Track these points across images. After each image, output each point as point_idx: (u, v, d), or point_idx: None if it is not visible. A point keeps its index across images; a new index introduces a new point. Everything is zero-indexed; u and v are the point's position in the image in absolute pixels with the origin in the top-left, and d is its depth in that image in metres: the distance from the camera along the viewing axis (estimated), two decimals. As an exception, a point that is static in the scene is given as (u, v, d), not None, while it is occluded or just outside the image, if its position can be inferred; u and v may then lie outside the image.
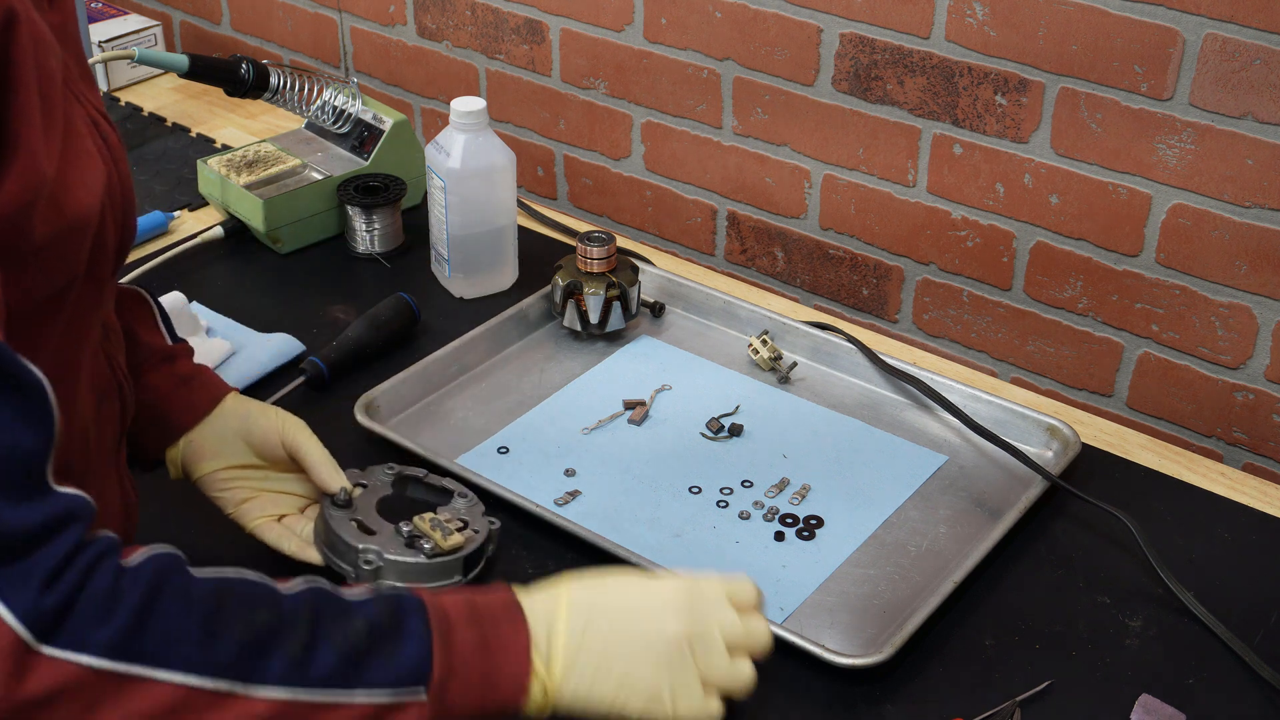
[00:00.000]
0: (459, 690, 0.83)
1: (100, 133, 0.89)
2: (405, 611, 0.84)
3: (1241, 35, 1.32)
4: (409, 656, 0.82)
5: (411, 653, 0.82)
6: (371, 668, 0.81)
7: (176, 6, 2.28)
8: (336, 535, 1.11)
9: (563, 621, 0.88)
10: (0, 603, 0.72)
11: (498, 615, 0.87)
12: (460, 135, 1.48)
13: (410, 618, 0.83)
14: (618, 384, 1.42)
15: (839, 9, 1.56)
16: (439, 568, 1.11)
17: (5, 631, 0.72)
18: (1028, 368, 1.61)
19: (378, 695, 0.81)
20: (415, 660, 0.82)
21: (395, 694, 0.81)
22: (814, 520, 1.24)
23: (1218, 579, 1.19)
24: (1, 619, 0.72)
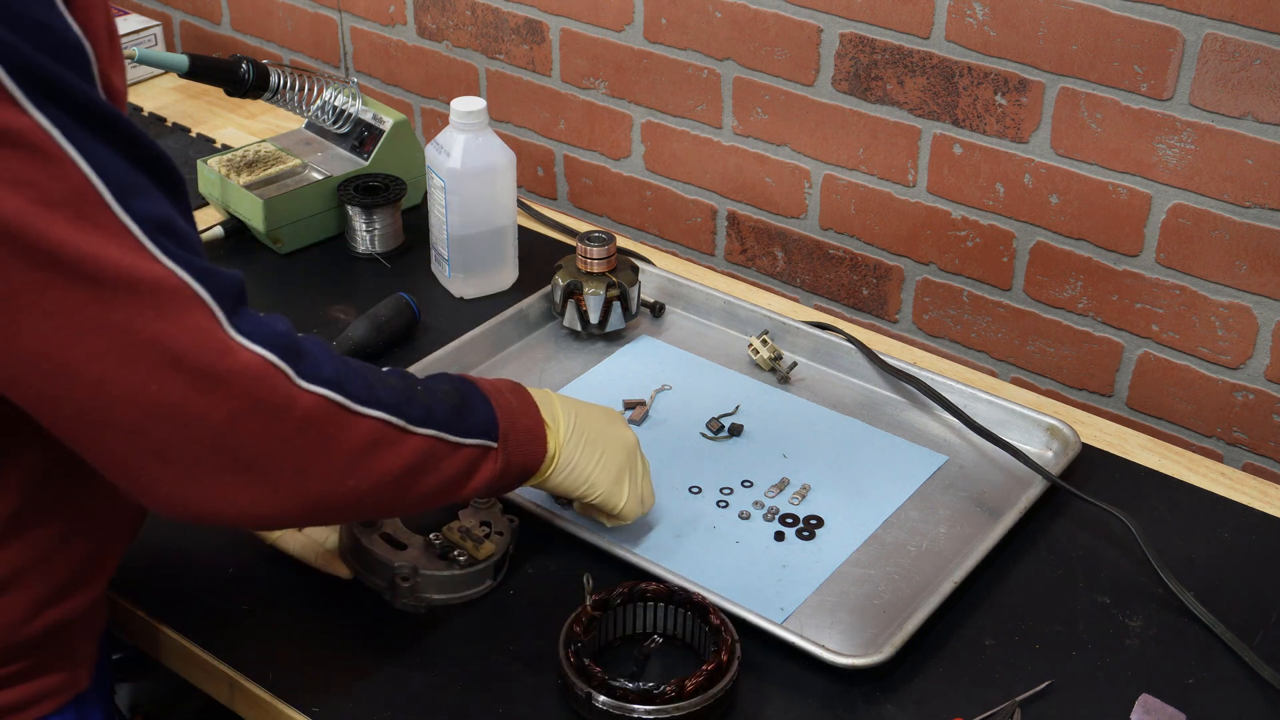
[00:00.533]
0: (515, 442, 1.05)
1: None
2: (464, 384, 1.05)
3: (1241, 35, 1.32)
4: (484, 413, 1.03)
5: (484, 411, 1.03)
6: (467, 420, 1.01)
7: (176, 6, 2.28)
8: (368, 552, 1.11)
9: (559, 407, 1.11)
10: (261, 347, 0.86)
11: (508, 388, 1.08)
12: (460, 135, 1.48)
13: (470, 388, 1.04)
14: (618, 384, 1.42)
15: (839, 9, 1.56)
16: (474, 576, 1.13)
17: (275, 369, 0.87)
18: (1028, 368, 1.61)
19: (475, 440, 1.01)
20: (488, 416, 1.03)
21: (483, 441, 1.02)
22: (814, 520, 1.24)
23: (1218, 579, 1.19)
24: (270, 360, 0.86)
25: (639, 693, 1.01)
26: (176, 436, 0.84)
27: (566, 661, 1.04)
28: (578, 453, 1.11)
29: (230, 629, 1.13)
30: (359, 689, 1.07)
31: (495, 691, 1.07)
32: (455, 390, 1.03)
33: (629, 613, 1.11)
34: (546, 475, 1.10)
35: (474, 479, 1.02)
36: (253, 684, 1.08)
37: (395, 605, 1.10)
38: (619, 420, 1.17)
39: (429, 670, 1.09)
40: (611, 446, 1.13)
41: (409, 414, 0.96)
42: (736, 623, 1.09)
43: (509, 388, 1.08)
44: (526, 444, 1.06)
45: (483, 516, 1.17)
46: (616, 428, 1.15)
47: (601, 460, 1.12)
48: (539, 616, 1.13)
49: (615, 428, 1.15)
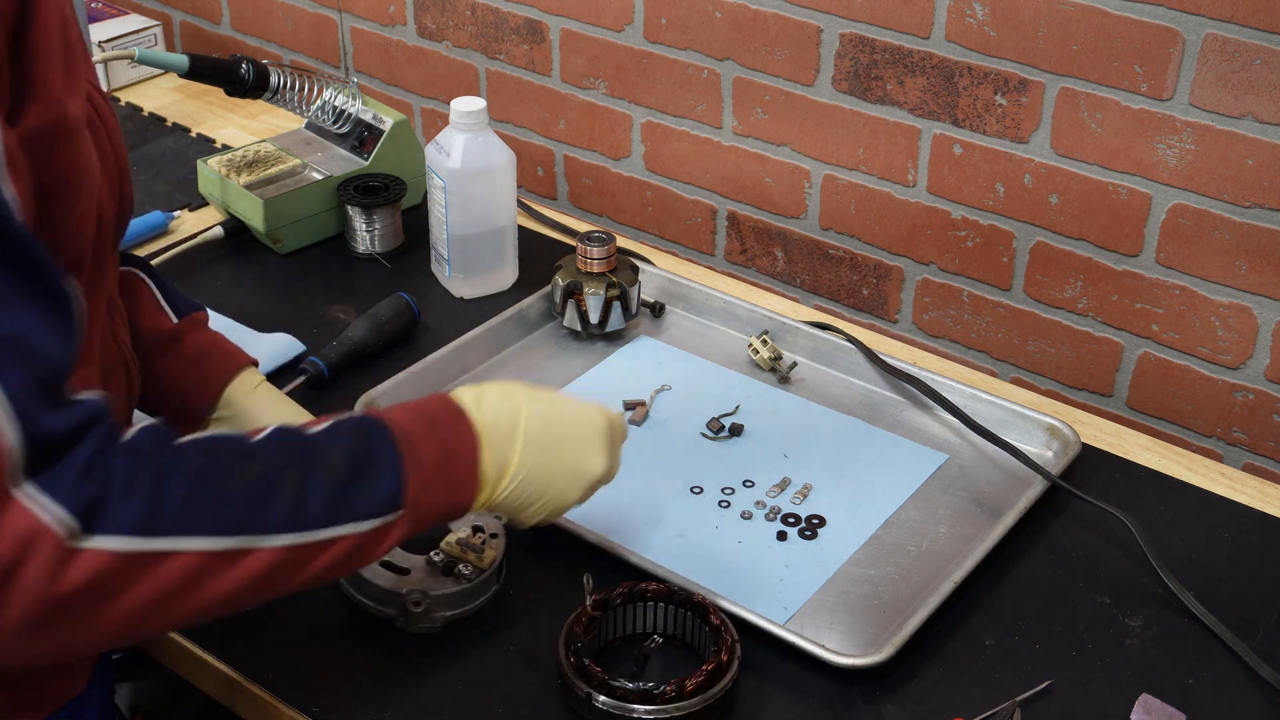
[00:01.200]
0: (429, 501, 0.92)
1: (94, 104, 0.90)
2: (374, 439, 0.90)
3: (1241, 35, 1.32)
4: (387, 483, 0.89)
5: (388, 479, 0.89)
6: (357, 499, 0.87)
7: (176, 6, 2.28)
8: (371, 584, 1.11)
9: (520, 441, 0.97)
10: (50, 499, 0.76)
11: (449, 424, 0.95)
12: (460, 135, 1.48)
13: (380, 445, 0.90)
14: (618, 384, 1.42)
15: (839, 9, 1.56)
16: (481, 585, 1.13)
17: (46, 532, 0.76)
18: (1028, 368, 1.61)
19: (365, 524, 0.88)
20: (393, 485, 0.89)
21: (380, 520, 0.88)
22: (816, 520, 1.24)
23: (1218, 579, 1.19)
24: (43, 522, 0.76)
25: (639, 693, 1.01)
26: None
27: (566, 661, 1.04)
28: (523, 496, 0.99)
29: (230, 629, 1.12)
30: (359, 689, 1.07)
31: (495, 691, 1.07)
32: (350, 458, 0.88)
33: (629, 613, 1.11)
34: (482, 505, 0.99)
35: (367, 556, 0.90)
36: (253, 684, 1.08)
37: (411, 630, 1.11)
38: (592, 445, 1.02)
39: (429, 670, 1.09)
40: (568, 488, 1.02)
41: (258, 524, 0.83)
42: (736, 623, 1.09)
43: (439, 422, 0.94)
44: (449, 493, 0.94)
45: (472, 521, 1.17)
46: (584, 458, 1.02)
47: (547, 503, 1.01)
48: (539, 616, 1.13)
49: (582, 458, 1.02)
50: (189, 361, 1.14)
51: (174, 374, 1.14)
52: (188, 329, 1.16)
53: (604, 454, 1.03)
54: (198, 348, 1.15)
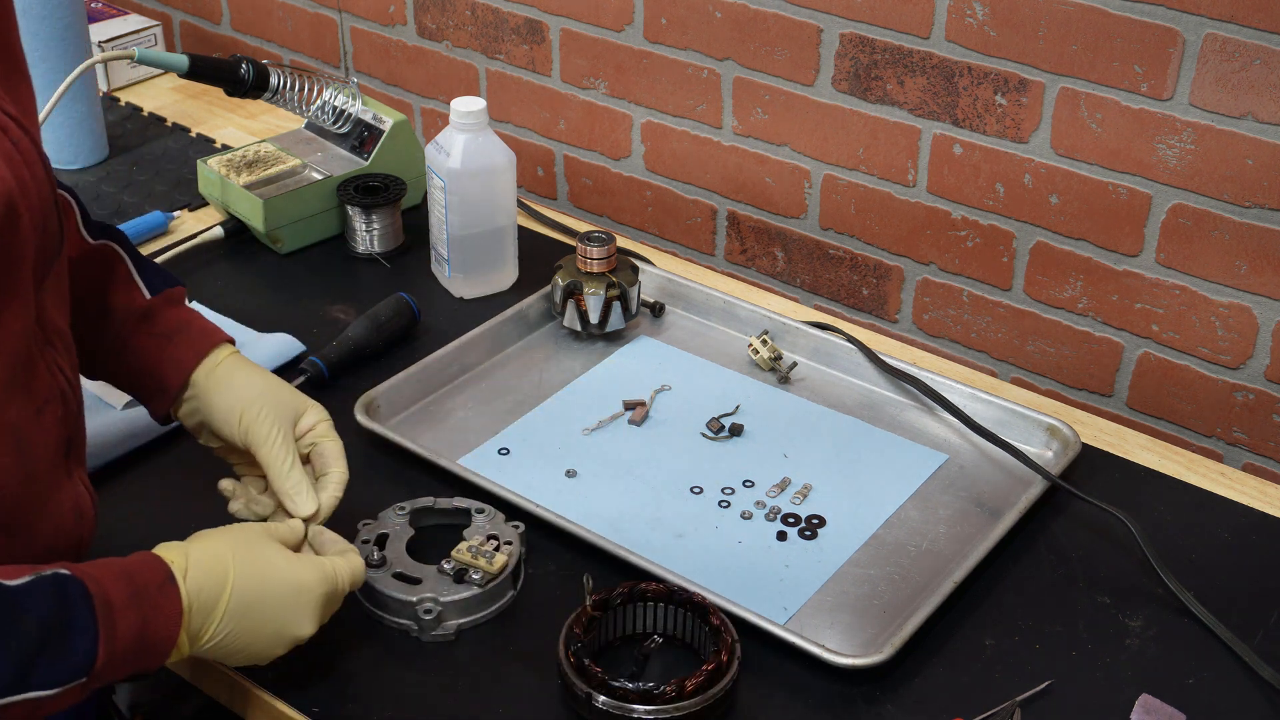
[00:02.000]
0: (113, 669, 0.88)
1: (10, 138, 0.87)
2: (72, 603, 0.86)
3: (1241, 35, 1.32)
4: (76, 653, 0.85)
5: (79, 648, 0.85)
6: (41, 669, 0.84)
7: (176, 6, 2.28)
8: (386, 596, 1.11)
9: (220, 613, 0.95)
10: None
11: (154, 594, 0.91)
12: (460, 135, 1.48)
13: (77, 610, 0.86)
14: (618, 384, 1.42)
15: (839, 9, 1.56)
16: (494, 592, 1.13)
17: None
18: (1028, 368, 1.61)
19: (46, 692, 0.84)
20: (82, 657, 0.86)
21: (62, 688, 0.85)
22: (816, 520, 1.24)
23: (1218, 579, 1.19)
24: None
25: (639, 693, 1.01)
26: None
27: (566, 661, 1.04)
28: (219, 655, 0.97)
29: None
30: (359, 689, 1.07)
31: (495, 691, 1.07)
32: (44, 625, 0.84)
33: (629, 613, 1.11)
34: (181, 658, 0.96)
35: (37, 715, 0.86)
36: (253, 684, 1.08)
37: (426, 640, 1.11)
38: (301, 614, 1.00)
39: (429, 670, 1.09)
40: (268, 649, 0.99)
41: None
42: (736, 623, 1.09)
43: (145, 593, 0.91)
44: (134, 663, 0.91)
45: (488, 531, 1.17)
46: (288, 625, 0.99)
47: (245, 660, 0.99)
48: (539, 616, 1.13)
49: (286, 625, 0.99)
50: (160, 339, 1.11)
51: (145, 352, 1.11)
52: (160, 305, 1.13)
53: (312, 619, 1.00)
54: (170, 325, 1.12)
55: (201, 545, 0.97)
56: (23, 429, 0.92)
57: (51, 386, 0.96)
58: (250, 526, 1.02)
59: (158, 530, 1.22)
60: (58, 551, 0.98)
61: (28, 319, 0.92)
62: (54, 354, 0.96)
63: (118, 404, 1.33)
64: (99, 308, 1.12)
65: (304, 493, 1.08)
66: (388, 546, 1.15)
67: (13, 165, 0.86)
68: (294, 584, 0.99)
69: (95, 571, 0.89)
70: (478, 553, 1.14)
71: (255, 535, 1.01)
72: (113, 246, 1.14)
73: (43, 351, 0.95)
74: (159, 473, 1.29)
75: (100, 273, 1.13)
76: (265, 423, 1.08)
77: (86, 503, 1.01)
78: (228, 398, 1.10)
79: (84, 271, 1.11)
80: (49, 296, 0.95)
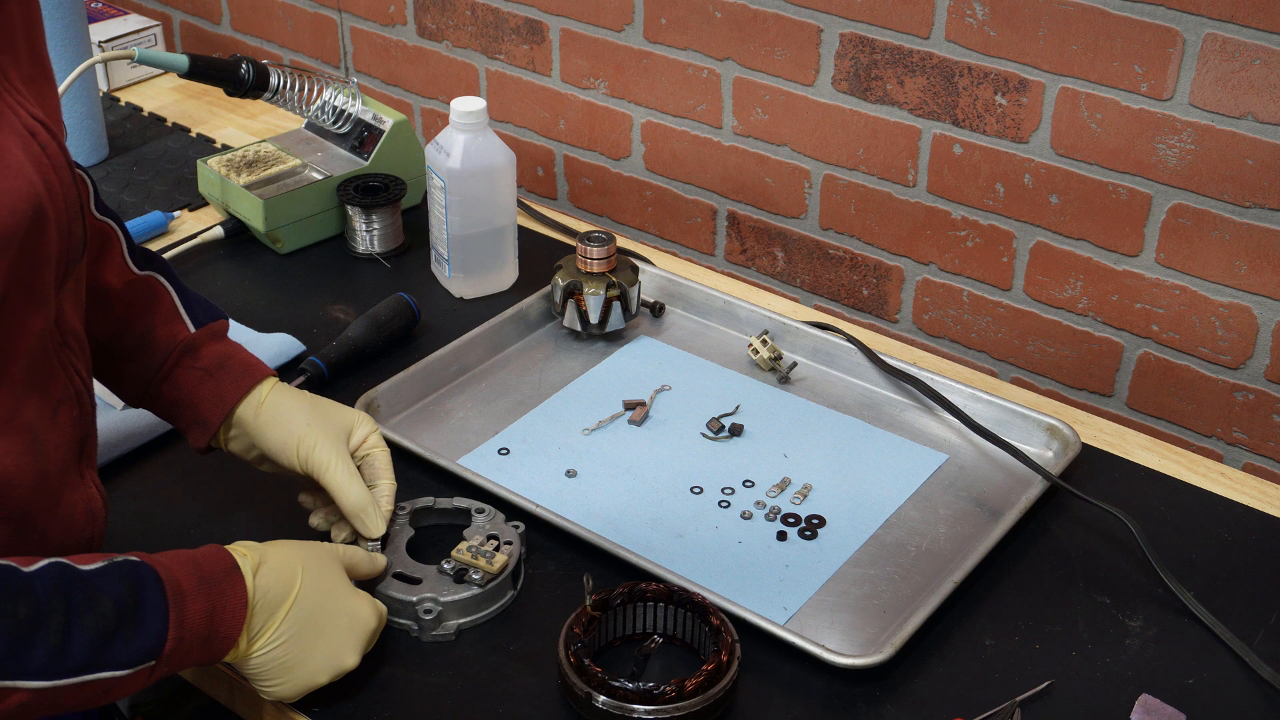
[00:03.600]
0: (182, 655, 0.92)
1: (39, 142, 0.88)
2: (145, 586, 0.90)
3: (1241, 35, 1.32)
4: (149, 634, 0.89)
5: (151, 630, 0.89)
6: (116, 648, 0.87)
7: (176, 6, 2.28)
8: (386, 596, 1.11)
9: (280, 617, 0.98)
10: None
11: (221, 582, 0.94)
12: (460, 135, 1.48)
13: (150, 593, 0.90)
14: (618, 384, 1.42)
15: (839, 9, 1.56)
16: (494, 592, 1.13)
17: None
18: (1028, 368, 1.61)
19: (120, 671, 0.88)
20: (154, 637, 0.89)
21: (135, 668, 0.89)
22: (816, 520, 1.24)
23: (1218, 579, 1.19)
24: None
25: (639, 693, 1.01)
26: None
27: (566, 661, 1.04)
28: (269, 667, 0.99)
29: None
30: (358, 689, 1.07)
31: (495, 691, 1.07)
32: (120, 605, 0.88)
33: (629, 613, 1.11)
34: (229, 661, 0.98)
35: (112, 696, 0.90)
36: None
37: (426, 639, 1.11)
38: (350, 642, 1.02)
39: (428, 670, 1.09)
40: (316, 672, 1.01)
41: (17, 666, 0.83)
42: (736, 623, 1.09)
43: (212, 579, 0.94)
44: (202, 652, 0.94)
45: (488, 531, 1.17)
46: (337, 652, 1.01)
47: (293, 681, 1.00)
48: (539, 616, 1.13)
49: (336, 651, 1.01)
50: (202, 374, 1.13)
51: (187, 386, 1.13)
52: (204, 340, 1.14)
53: (359, 650, 1.03)
54: (213, 361, 1.14)
55: (276, 549, 1.00)
56: (38, 428, 0.93)
57: (67, 387, 0.97)
58: (324, 546, 1.05)
59: (158, 530, 1.22)
60: (68, 552, 0.98)
61: (47, 321, 0.93)
62: (70, 355, 0.97)
63: (118, 404, 1.33)
64: (141, 338, 1.13)
65: (372, 515, 1.12)
66: (388, 546, 1.15)
67: (41, 169, 0.88)
68: (351, 611, 1.02)
69: (164, 559, 0.93)
70: (478, 553, 1.14)
71: (327, 554, 1.04)
72: (157, 279, 1.15)
73: (59, 352, 0.96)
74: (159, 472, 1.29)
75: (145, 303, 1.14)
76: (322, 450, 1.11)
77: (98, 503, 1.02)
78: (280, 432, 1.12)
79: (128, 300, 1.13)
80: (67, 298, 0.96)
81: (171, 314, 1.14)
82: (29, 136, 0.88)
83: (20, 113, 0.88)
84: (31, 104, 0.90)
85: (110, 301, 1.12)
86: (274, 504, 1.25)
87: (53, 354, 0.95)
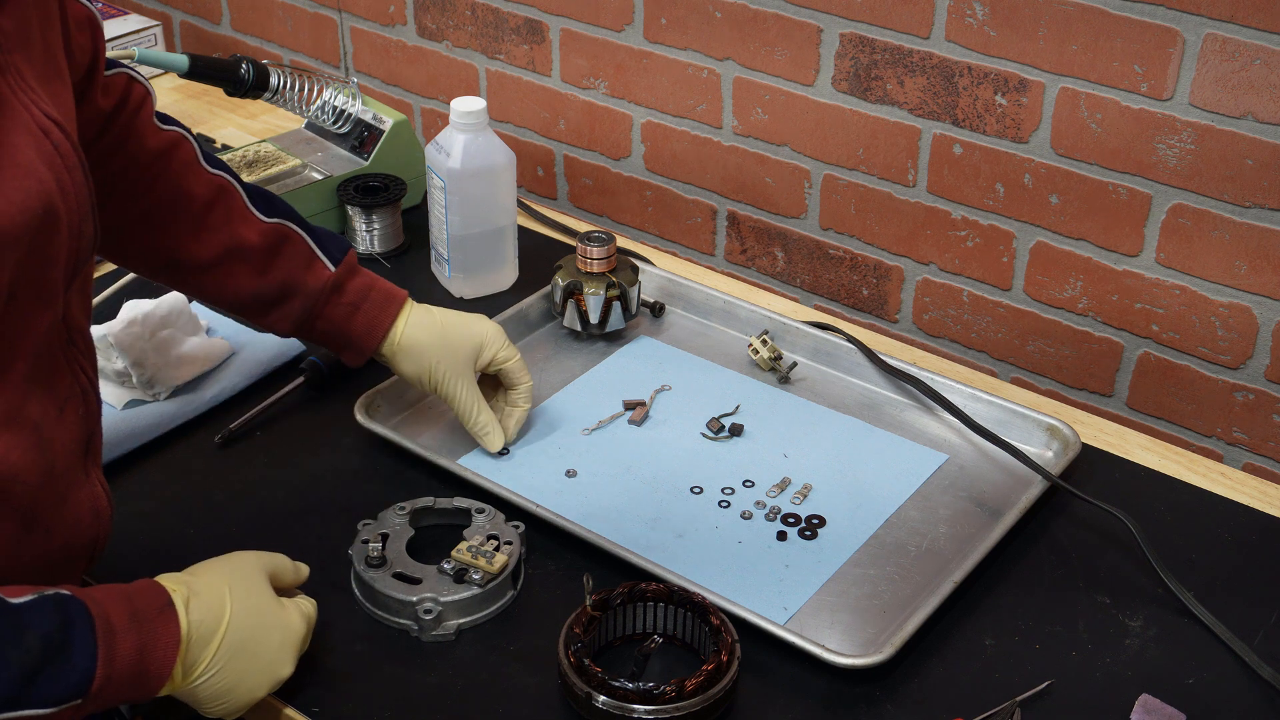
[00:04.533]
0: (111, 693, 0.90)
1: (52, 140, 0.88)
2: (73, 621, 0.88)
3: (1241, 35, 1.32)
4: (76, 672, 0.87)
5: (79, 667, 0.87)
6: (41, 686, 0.85)
7: (176, 6, 2.28)
8: (386, 596, 1.12)
9: (214, 647, 0.96)
10: None
11: (154, 620, 0.93)
12: (460, 135, 1.48)
13: (79, 629, 0.88)
14: (618, 384, 1.42)
15: (839, 9, 1.56)
16: (494, 591, 1.13)
17: None
18: (1028, 368, 1.61)
19: (43, 710, 0.85)
20: (81, 675, 0.87)
21: (58, 708, 0.86)
22: (816, 520, 1.24)
23: (1218, 579, 1.19)
24: None
25: (639, 693, 1.01)
26: None
27: (566, 661, 1.04)
28: (208, 692, 0.97)
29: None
30: (359, 689, 1.07)
31: (495, 691, 1.07)
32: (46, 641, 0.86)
33: (629, 613, 1.11)
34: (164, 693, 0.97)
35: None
36: (253, 684, 1.08)
37: (426, 640, 1.11)
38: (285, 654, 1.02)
39: (429, 670, 1.09)
40: (255, 688, 1.00)
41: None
42: (736, 623, 1.09)
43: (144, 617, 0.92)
44: (131, 689, 0.92)
45: (488, 531, 1.17)
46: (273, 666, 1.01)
47: (234, 698, 0.99)
48: (539, 616, 1.13)
49: (272, 666, 1.01)
50: (350, 309, 1.24)
51: (340, 320, 1.24)
52: (345, 277, 1.24)
53: (293, 659, 1.03)
54: (358, 294, 1.25)
55: (203, 576, 1.00)
56: (45, 426, 0.93)
57: (73, 385, 0.97)
58: (246, 560, 1.04)
59: (158, 529, 1.22)
60: (73, 550, 0.99)
61: (55, 318, 0.93)
62: (76, 353, 0.98)
63: (118, 404, 1.33)
64: (286, 284, 1.23)
65: (492, 433, 1.29)
66: (388, 546, 1.15)
67: (54, 168, 0.88)
68: (282, 624, 1.02)
69: (96, 594, 0.91)
70: (478, 553, 1.14)
71: (252, 569, 1.03)
72: (286, 225, 1.23)
73: (65, 350, 0.96)
74: (159, 472, 1.29)
75: (284, 252, 1.22)
76: (449, 382, 1.27)
77: (103, 502, 1.02)
78: (412, 366, 1.27)
79: (266, 251, 1.22)
80: (75, 297, 0.97)
81: (310, 257, 1.23)
82: (41, 135, 0.88)
83: (34, 110, 0.88)
84: (45, 102, 0.90)
85: (251, 255, 1.21)
86: (274, 503, 1.25)
87: (59, 352, 0.95)
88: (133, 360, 1.34)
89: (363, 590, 1.13)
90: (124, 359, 1.34)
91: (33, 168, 0.86)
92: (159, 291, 1.42)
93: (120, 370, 1.35)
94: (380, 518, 1.18)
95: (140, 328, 1.35)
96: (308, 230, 1.24)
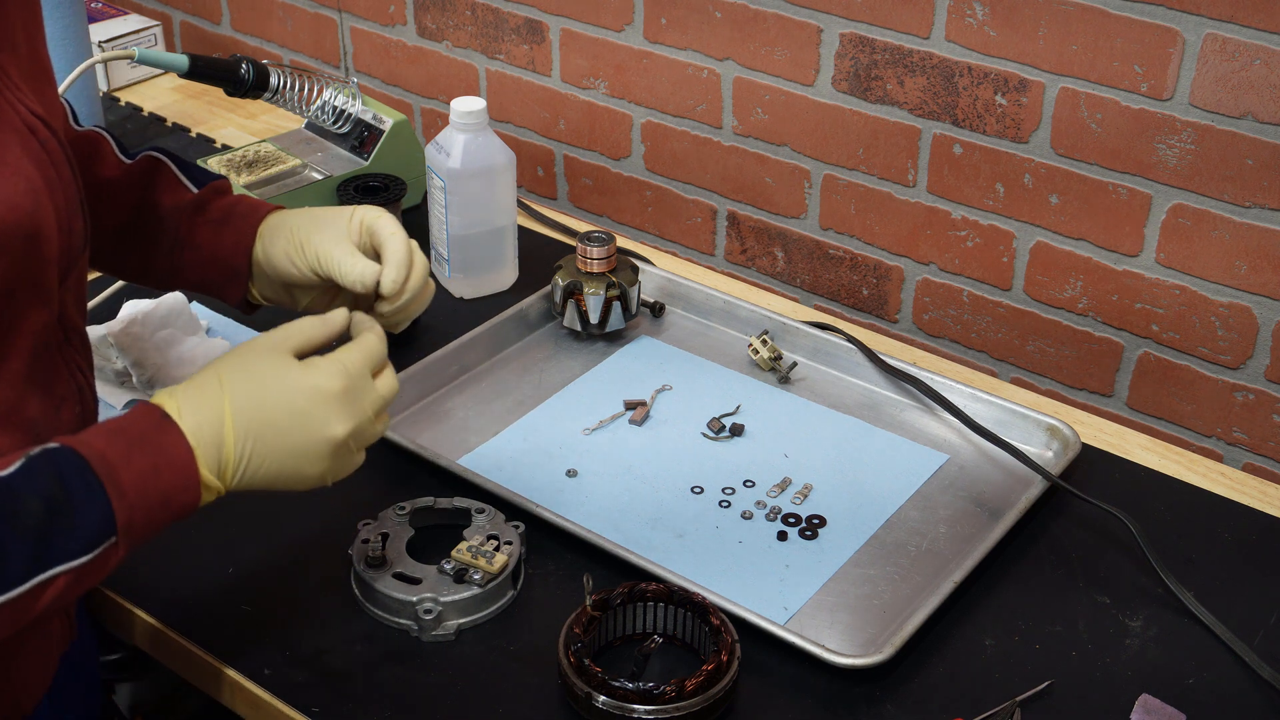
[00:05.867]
0: (143, 519, 0.86)
1: (39, 139, 0.89)
2: (68, 472, 0.84)
3: (1241, 35, 1.32)
4: (91, 517, 0.84)
5: (92, 513, 0.84)
6: (59, 542, 0.83)
7: (176, 6, 2.28)
8: (386, 596, 1.12)
9: (230, 437, 0.90)
10: None
11: (156, 438, 0.88)
12: (460, 135, 1.48)
13: (77, 479, 0.84)
14: (618, 384, 1.42)
15: (839, 9, 1.56)
16: (494, 592, 1.13)
17: None
18: (1028, 368, 1.61)
19: (75, 562, 0.83)
20: (98, 518, 0.84)
21: (93, 552, 0.84)
22: (816, 520, 1.24)
23: (1218, 579, 1.19)
24: None
25: (639, 693, 1.01)
26: None
27: (566, 661, 1.04)
28: (259, 480, 0.93)
29: (230, 629, 1.13)
30: (359, 689, 1.07)
31: (495, 691, 1.07)
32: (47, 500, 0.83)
33: (629, 613, 1.11)
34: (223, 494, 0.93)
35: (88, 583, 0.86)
36: (253, 684, 1.08)
37: (426, 640, 1.11)
38: (323, 413, 0.93)
39: (429, 670, 1.09)
40: (307, 461, 0.93)
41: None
42: (736, 623, 1.09)
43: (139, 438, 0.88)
44: (164, 507, 0.88)
45: (488, 531, 1.17)
46: (315, 429, 0.93)
47: (293, 478, 0.94)
48: (539, 616, 1.14)
49: (313, 429, 0.93)
50: (216, 225, 1.10)
51: (206, 243, 1.10)
52: (209, 196, 1.12)
53: (340, 416, 0.93)
54: (222, 211, 1.11)
55: (188, 382, 0.93)
56: (41, 426, 0.93)
57: (69, 384, 0.97)
58: (243, 347, 0.95)
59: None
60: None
61: (49, 317, 0.93)
62: (72, 352, 0.98)
63: (117, 404, 1.33)
64: (151, 214, 1.11)
65: (366, 272, 1.03)
66: (388, 546, 1.15)
67: (41, 167, 0.88)
68: (299, 388, 0.92)
69: (85, 436, 0.87)
70: (478, 553, 1.14)
71: (247, 354, 0.94)
72: (153, 155, 1.14)
73: (62, 349, 0.96)
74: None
75: (146, 181, 1.12)
76: (326, 242, 1.05)
77: None
78: (282, 244, 1.07)
79: (127, 184, 1.12)
80: (70, 295, 0.97)
81: (174, 183, 1.13)
82: (28, 133, 0.88)
83: (20, 109, 0.88)
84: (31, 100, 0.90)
85: (112, 190, 1.11)
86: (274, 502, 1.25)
87: (55, 351, 0.95)
88: (133, 360, 1.34)
89: (363, 590, 1.14)
90: (124, 359, 1.34)
91: (20, 166, 0.86)
92: (159, 292, 1.42)
93: (120, 370, 1.35)
94: (380, 517, 1.18)
95: (140, 328, 1.35)
96: (177, 162, 1.14)
